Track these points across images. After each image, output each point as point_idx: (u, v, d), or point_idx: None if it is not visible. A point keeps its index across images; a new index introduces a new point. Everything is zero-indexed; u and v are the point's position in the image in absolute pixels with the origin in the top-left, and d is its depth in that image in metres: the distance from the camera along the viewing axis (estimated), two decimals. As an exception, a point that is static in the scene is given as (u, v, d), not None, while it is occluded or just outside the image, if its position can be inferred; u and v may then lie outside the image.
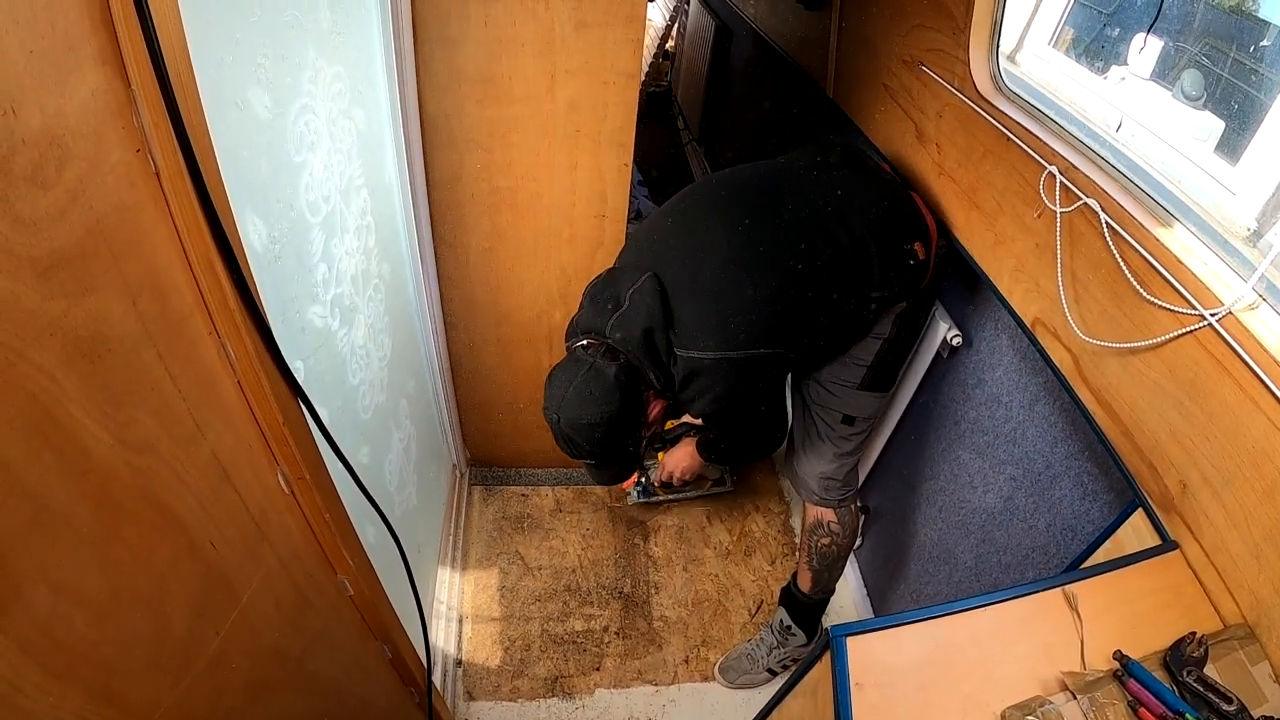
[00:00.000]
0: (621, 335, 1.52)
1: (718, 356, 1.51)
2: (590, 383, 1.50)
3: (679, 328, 1.52)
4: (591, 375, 1.51)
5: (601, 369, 1.51)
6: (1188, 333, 1.17)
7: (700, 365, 1.52)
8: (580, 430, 1.54)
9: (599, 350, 1.54)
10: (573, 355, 1.58)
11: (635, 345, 1.51)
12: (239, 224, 0.89)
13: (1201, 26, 1.66)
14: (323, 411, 1.07)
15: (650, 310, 1.50)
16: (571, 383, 1.52)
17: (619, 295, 1.54)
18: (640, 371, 1.54)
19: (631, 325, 1.51)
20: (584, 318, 1.61)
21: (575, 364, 1.55)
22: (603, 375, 1.50)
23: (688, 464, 2.55)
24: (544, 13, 1.65)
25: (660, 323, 1.50)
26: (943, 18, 1.84)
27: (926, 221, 1.76)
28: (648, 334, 1.50)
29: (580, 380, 1.51)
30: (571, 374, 1.53)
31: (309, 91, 1.20)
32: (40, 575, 0.59)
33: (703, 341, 1.51)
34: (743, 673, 2.32)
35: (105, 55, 0.61)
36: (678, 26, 5.75)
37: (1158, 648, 1.03)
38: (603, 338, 1.55)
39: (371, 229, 1.60)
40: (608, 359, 1.52)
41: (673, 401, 1.66)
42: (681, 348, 1.52)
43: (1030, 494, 1.64)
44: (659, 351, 1.53)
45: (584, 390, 1.51)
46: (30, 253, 0.54)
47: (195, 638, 0.83)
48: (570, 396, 1.52)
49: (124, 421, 0.67)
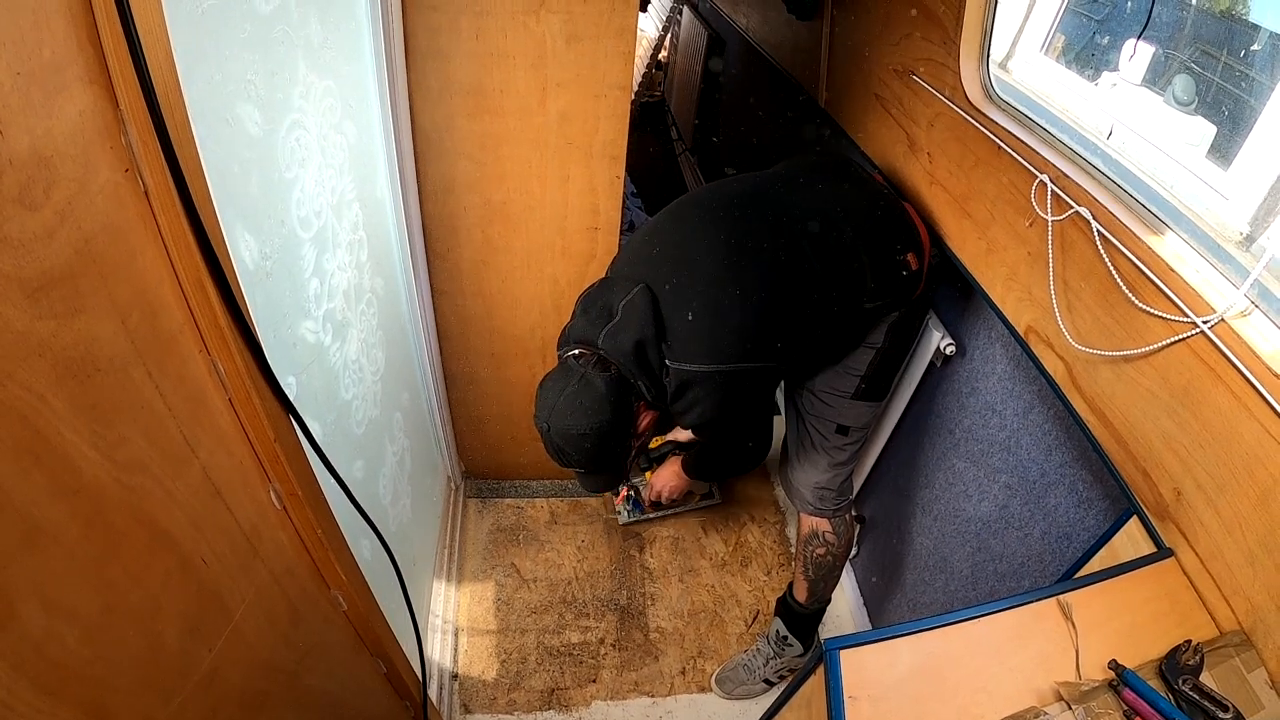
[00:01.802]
0: (613, 347, 1.52)
1: (710, 369, 1.52)
2: (581, 394, 1.50)
3: (671, 340, 1.52)
4: (582, 386, 1.51)
5: (592, 380, 1.51)
6: (1180, 340, 1.17)
7: (693, 377, 1.52)
8: (570, 440, 1.54)
9: (590, 361, 1.54)
10: (564, 365, 1.58)
11: (627, 357, 1.51)
12: (230, 241, 0.89)
13: (1192, 31, 1.67)
14: (315, 427, 1.07)
15: (642, 322, 1.50)
16: (563, 393, 1.52)
17: (611, 306, 1.54)
18: (631, 383, 1.54)
19: (623, 337, 1.51)
20: (576, 327, 1.60)
21: (566, 374, 1.55)
22: (593, 387, 1.50)
23: (675, 483, 2.56)
24: (535, 26, 1.65)
25: (652, 335, 1.50)
26: (933, 27, 1.85)
27: (919, 231, 1.76)
28: (639, 346, 1.50)
29: (571, 391, 1.51)
30: (563, 384, 1.53)
31: (299, 107, 1.20)
32: (32, 593, 0.59)
33: (695, 354, 1.51)
34: (739, 683, 2.31)
35: (93, 75, 0.61)
36: (670, 37, 5.77)
37: (1153, 656, 1.03)
38: (594, 348, 1.55)
39: (364, 243, 1.60)
40: (599, 370, 1.52)
41: (664, 412, 1.66)
42: (674, 360, 1.52)
43: (1025, 502, 1.64)
44: (651, 363, 1.53)
45: (574, 401, 1.51)
46: (19, 274, 0.54)
47: (188, 654, 0.83)
48: (561, 406, 1.52)
49: (114, 441, 0.67)
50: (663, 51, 5.94)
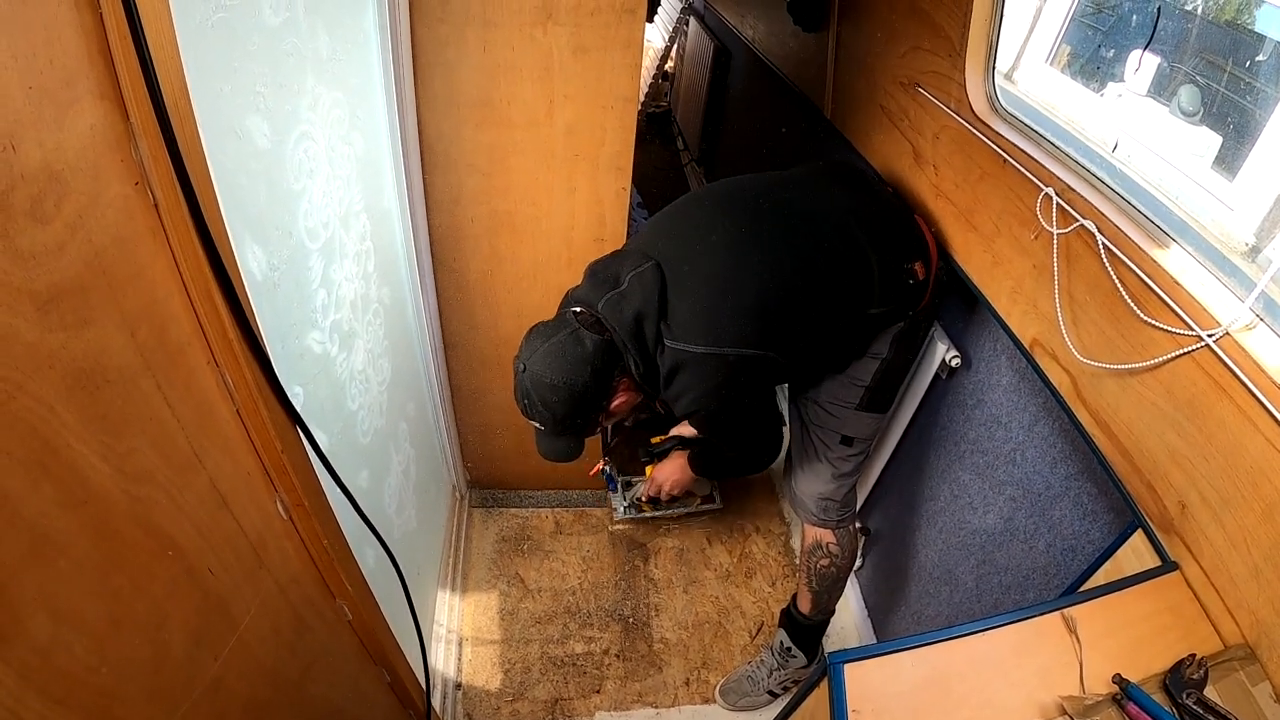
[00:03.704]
0: (612, 313, 1.53)
1: (706, 351, 1.52)
2: (566, 345, 1.52)
3: (672, 320, 1.53)
4: (570, 339, 1.52)
5: (582, 338, 1.52)
6: (1185, 354, 1.17)
7: (688, 358, 1.52)
8: (541, 388, 1.53)
9: (587, 320, 1.55)
10: (561, 316, 1.60)
11: (624, 326, 1.52)
12: (238, 252, 0.90)
13: (1197, 42, 1.67)
14: (321, 437, 1.07)
15: (647, 297, 1.51)
16: (550, 339, 1.53)
17: (619, 276, 1.56)
18: (619, 353, 1.55)
19: (625, 306, 1.52)
20: (580, 289, 1.62)
21: (559, 324, 1.56)
22: (581, 344, 1.52)
23: (677, 477, 2.47)
24: (542, 38, 1.66)
25: (654, 311, 1.51)
26: (939, 40, 1.85)
27: (928, 243, 1.76)
28: (639, 320, 1.51)
29: (558, 340, 1.52)
30: (552, 331, 1.54)
31: (308, 119, 1.21)
32: (40, 603, 0.60)
33: (694, 335, 1.52)
34: (743, 695, 2.31)
35: (104, 90, 0.62)
36: (677, 48, 5.78)
37: (1157, 670, 1.03)
38: (594, 311, 1.56)
39: (371, 254, 1.60)
40: (592, 330, 1.53)
41: (650, 396, 1.66)
42: (672, 339, 1.52)
43: (1030, 515, 1.64)
44: (646, 340, 1.53)
45: (558, 350, 1.52)
46: (30, 286, 0.55)
47: (194, 663, 0.84)
48: (543, 351, 1.52)
49: (123, 451, 0.67)
50: (669, 62, 5.95)
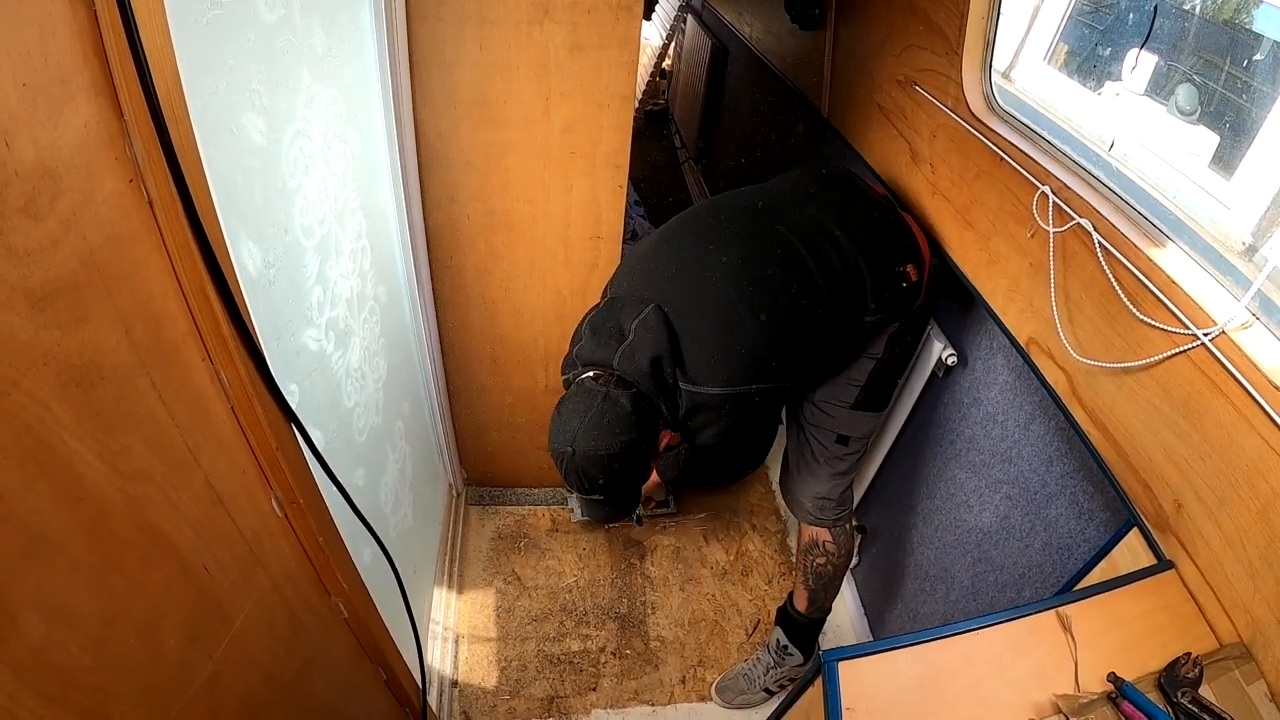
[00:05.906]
0: (630, 366, 1.49)
1: (724, 393, 1.51)
2: (606, 413, 1.45)
3: (685, 363, 1.51)
4: (607, 405, 1.46)
5: (616, 399, 1.46)
6: (1181, 352, 1.17)
7: (705, 400, 1.51)
8: (597, 462, 1.47)
9: (610, 380, 1.50)
10: (581, 387, 1.52)
11: (645, 376, 1.48)
12: (233, 249, 0.89)
13: (1195, 41, 1.67)
14: (317, 434, 1.07)
15: (657, 340, 1.48)
16: (586, 414, 1.46)
17: (622, 327, 1.52)
18: (654, 402, 1.51)
19: (640, 356, 1.48)
20: (585, 350, 1.57)
21: (587, 395, 1.49)
22: (619, 405, 1.46)
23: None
24: (539, 36, 1.66)
25: (667, 353, 1.48)
26: (936, 38, 1.85)
27: (919, 242, 1.76)
28: (656, 363, 1.48)
29: (596, 411, 1.46)
30: (585, 405, 1.47)
31: (304, 116, 1.21)
32: (34, 601, 0.59)
33: (709, 379, 1.50)
34: (740, 692, 2.31)
35: (98, 87, 0.62)
36: (674, 45, 5.78)
37: (1152, 669, 1.03)
38: (610, 369, 1.51)
39: (367, 251, 1.60)
40: (621, 389, 1.48)
41: (679, 431, 1.63)
42: (687, 383, 1.51)
43: (1026, 513, 1.64)
44: (666, 381, 1.50)
45: (600, 420, 1.45)
46: (24, 284, 0.54)
47: (189, 661, 0.83)
48: (586, 428, 1.45)
49: (118, 449, 0.67)
50: (666, 60, 5.95)
